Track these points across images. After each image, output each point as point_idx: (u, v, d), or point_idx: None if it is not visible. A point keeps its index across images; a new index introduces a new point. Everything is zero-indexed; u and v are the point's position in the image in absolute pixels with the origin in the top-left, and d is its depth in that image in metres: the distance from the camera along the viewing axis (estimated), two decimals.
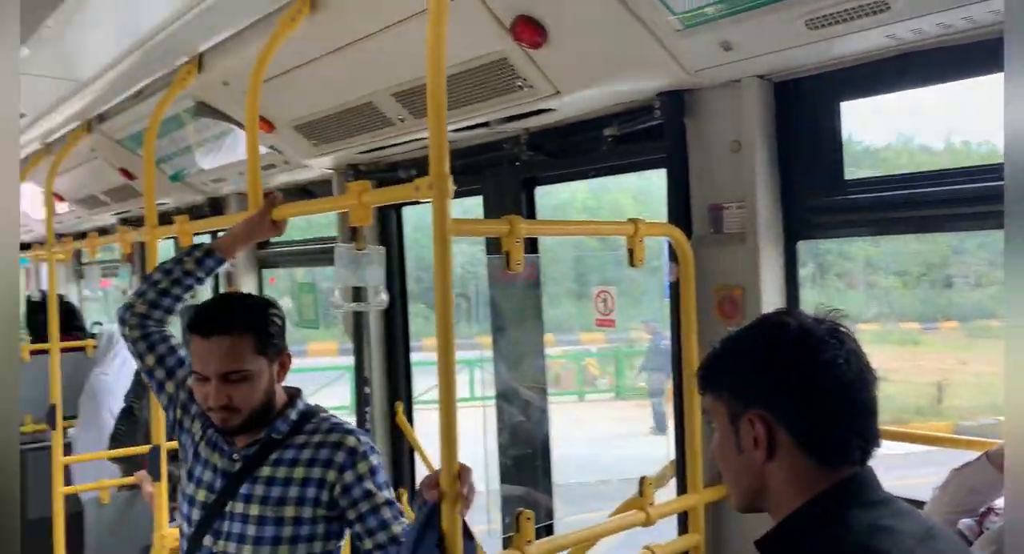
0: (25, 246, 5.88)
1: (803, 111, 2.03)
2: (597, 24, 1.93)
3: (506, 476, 2.56)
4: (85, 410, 4.40)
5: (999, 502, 1.45)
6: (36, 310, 5.10)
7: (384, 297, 1.87)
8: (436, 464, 3.10)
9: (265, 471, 1.85)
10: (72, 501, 3.93)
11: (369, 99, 2.59)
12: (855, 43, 1.77)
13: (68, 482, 3.98)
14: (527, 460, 2.54)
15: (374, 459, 1.86)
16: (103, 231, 5.19)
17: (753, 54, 1.85)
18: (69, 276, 6.41)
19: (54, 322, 3.78)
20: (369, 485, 1.83)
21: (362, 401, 3.28)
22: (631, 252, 1.97)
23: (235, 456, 1.88)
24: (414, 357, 3.38)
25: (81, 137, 3.90)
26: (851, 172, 2.04)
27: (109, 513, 4.03)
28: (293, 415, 1.90)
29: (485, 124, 2.51)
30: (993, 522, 1.40)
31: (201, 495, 1.88)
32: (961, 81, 1.83)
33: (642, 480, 1.98)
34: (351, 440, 1.86)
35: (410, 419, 3.29)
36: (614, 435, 11.11)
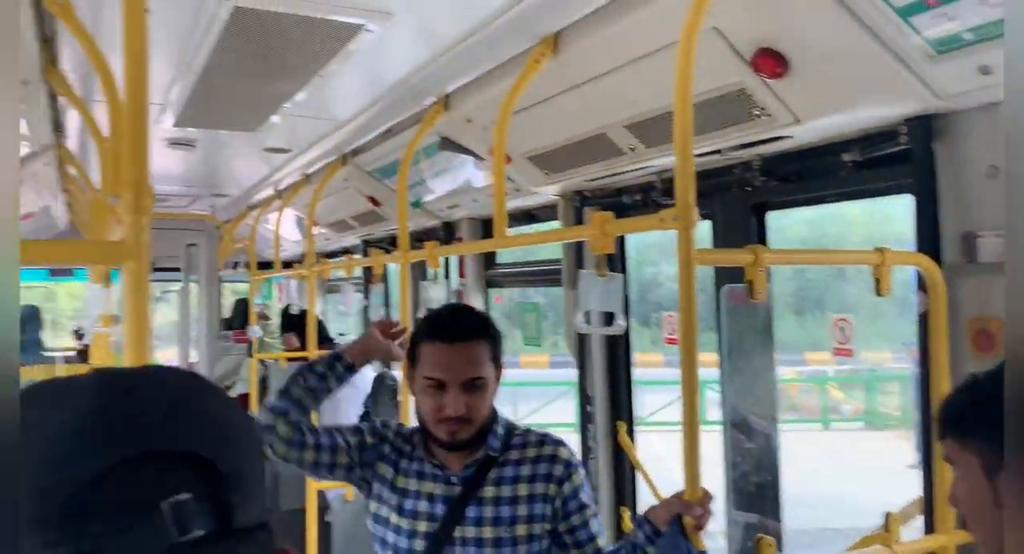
0: (286, 265, 6.60)
1: None
2: (841, 52, 1.93)
3: (737, 504, 2.56)
4: (328, 414, 4.87)
5: None
6: (292, 323, 5.73)
7: (622, 323, 1.96)
8: (659, 486, 3.16)
9: (489, 492, 1.82)
10: (320, 497, 4.37)
11: (602, 131, 2.71)
12: None
13: None
14: (757, 487, 2.54)
15: (582, 470, 1.90)
16: (346, 251, 5.73)
17: None
18: (317, 292, 7.12)
19: (312, 334, 4.23)
20: (583, 496, 1.87)
21: (585, 419, 3.40)
22: (877, 281, 1.93)
23: (453, 479, 1.84)
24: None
25: (336, 169, 4.37)
26: None
27: (353, 509, 4.44)
28: (500, 430, 1.88)
29: (717, 151, 2.55)
30: None
31: (423, 526, 1.81)
32: None
33: (888, 515, 1.92)
34: (564, 452, 1.87)
35: (632, 439, 3.37)
36: (868, 469, 10.09)
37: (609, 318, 1.99)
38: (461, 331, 1.81)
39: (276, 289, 8.78)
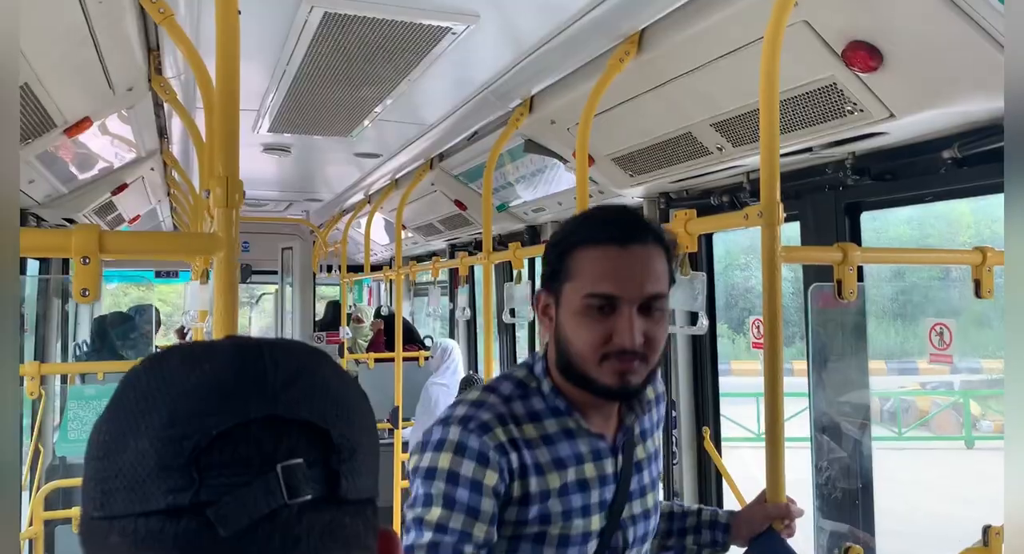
0: (375, 268, 6.76)
1: None
2: (939, 44, 1.85)
3: (824, 512, 2.48)
4: (421, 414, 4.95)
5: None
6: (383, 320, 5.86)
7: (705, 322, 1.93)
8: (743, 492, 3.08)
9: (640, 453, 1.48)
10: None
11: (687, 130, 2.68)
12: None
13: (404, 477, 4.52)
14: (845, 495, 2.44)
15: None
16: (433, 255, 5.83)
17: None
18: (404, 295, 7.26)
19: (399, 335, 4.32)
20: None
21: (669, 424, 3.35)
22: (977, 282, 1.84)
23: (612, 451, 1.43)
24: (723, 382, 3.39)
25: (424, 173, 4.45)
26: None
27: None
28: None
29: (808, 149, 2.48)
30: None
31: (596, 522, 1.39)
32: None
33: (986, 529, 1.83)
34: (660, 385, 1.59)
35: (717, 446, 3.30)
36: None
37: (694, 319, 1.95)
38: (638, 231, 1.34)
39: (366, 292, 9.00)
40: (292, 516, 0.59)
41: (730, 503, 3.29)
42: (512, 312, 3.37)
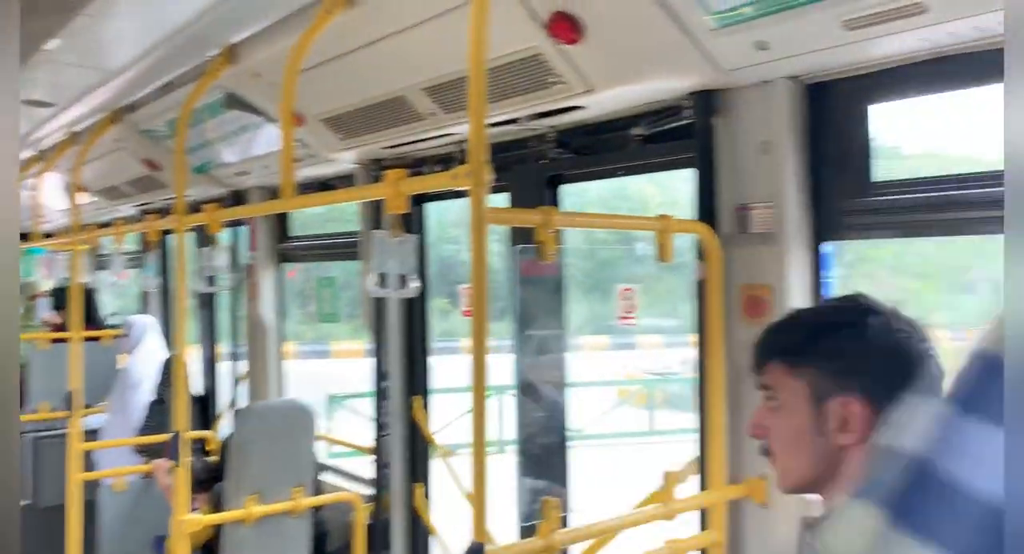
0: (47, 235, 5.92)
1: (833, 113, 2.05)
2: (634, 21, 1.96)
3: (525, 470, 2.57)
4: (117, 400, 4.43)
5: None
6: (61, 300, 5.15)
7: (417, 284, 1.89)
8: (453, 459, 3.12)
9: None
10: (87, 489, 3.96)
11: (400, 93, 2.62)
12: (888, 46, 1.79)
13: (90, 469, 4.01)
14: (544, 452, 2.56)
15: None
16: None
17: (788, 54, 1.88)
18: (88, 267, 6.45)
19: (77, 312, 3.81)
20: None
21: (380, 394, 3.30)
22: (661, 247, 1.99)
23: None
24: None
25: (107, 127, 3.95)
26: (880, 174, 2.06)
27: (123, 501, 4.06)
28: None
29: (514, 121, 2.54)
30: None
31: None
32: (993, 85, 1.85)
33: (665, 474, 1.99)
34: None
35: (427, 414, 3.30)
36: None
37: (403, 282, 1.90)
38: None
39: (42, 265, 7.89)
40: None
41: (438, 470, 3.33)
42: (211, 280, 3.10)
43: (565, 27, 2.01)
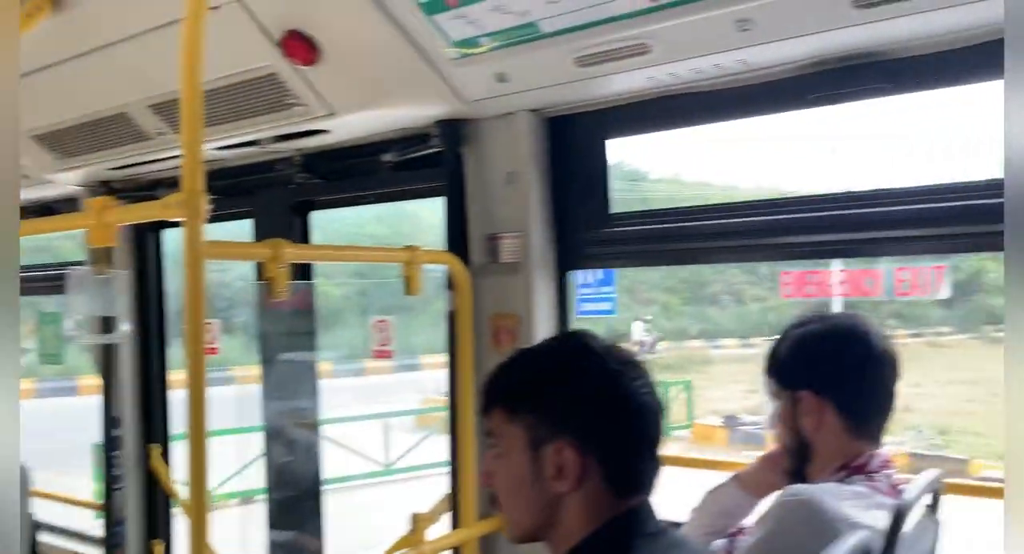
0: None
1: (574, 146, 2.10)
2: (372, 47, 1.88)
3: (275, 520, 2.39)
4: None
5: (747, 521, 1.54)
6: None
7: (125, 328, 1.67)
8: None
9: None
10: None
11: (122, 110, 2.36)
12: (621, 83, 1.85)
13: None
14: (296, 501, 2.39)
15: None
16: None
17: (527, 88, 1.89)
18: None
19: None
20: None
21: (110, 444, 2.94)
22: (407, 280, 1.91)
23: None
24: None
25: None
26: (620, 206, 2.13)
27: None
28: None
29: (255, 143, 2.37)
30: (741, 541, 1.47)
31: None
32: (719, 123, 1.97)
33: (413, 516, 1.91)
34: None
35: (168, 464, 2.99)
36: None
37: (109, 325, 1.67)
38: None
39: None
40: None
41: (181, 527, 3.02)
42: None
43: (300, 47, 1.90)
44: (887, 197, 1.73)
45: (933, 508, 1.41)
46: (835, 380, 1.39)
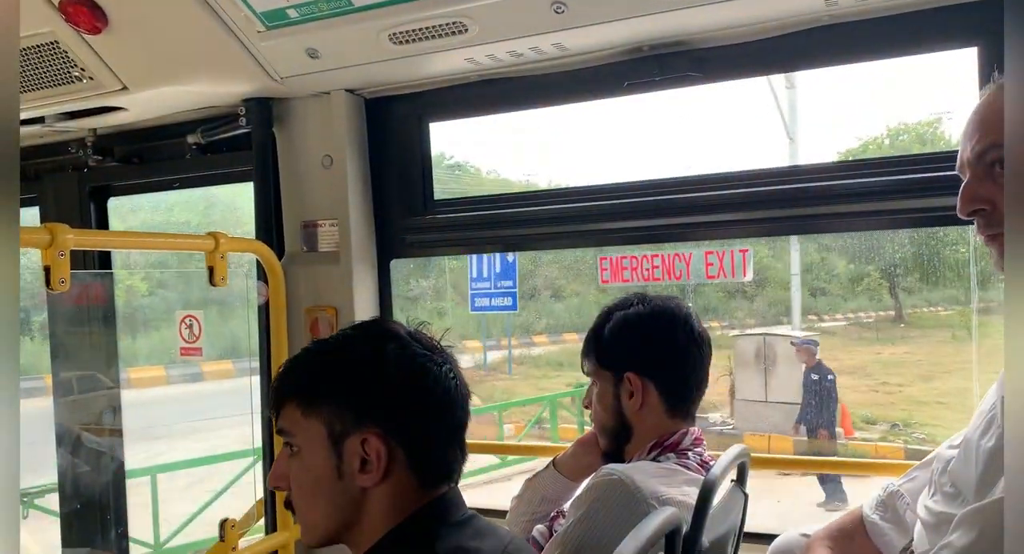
0: None
1: (394, 129, 2.02)
2: (166, 14, 1.72)
3: (67, 537, 2.16)
4: None
5: (566, 505, 1.53)
6: None
7: None
8: None
9: None
10: None
11: None
12: (440, 63, 1.79)
13: None
14: (92, 517, 2.17)
15: None
16: None
17: (340, 65, 1.79)
18: None
19: None
20: None
21: None
22: (211, 270, 1.77)
23: None
24: None
25: None
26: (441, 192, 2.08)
27: None
28: None
29: (40, 120, 2.12)
30: (560, 524, 1.46)
31: None
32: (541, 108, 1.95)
33: (223, 523, 1.77)
34: None
35: None
36: None
37: None
38: None
39: None
40: None
41: None
42: None
43: (84, 13, 1.71)
44: (701, 183, 1.78)
45: (740, 481, 1.46)
46: (661, 361, 1.40)
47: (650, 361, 1.40)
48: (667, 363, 1.41)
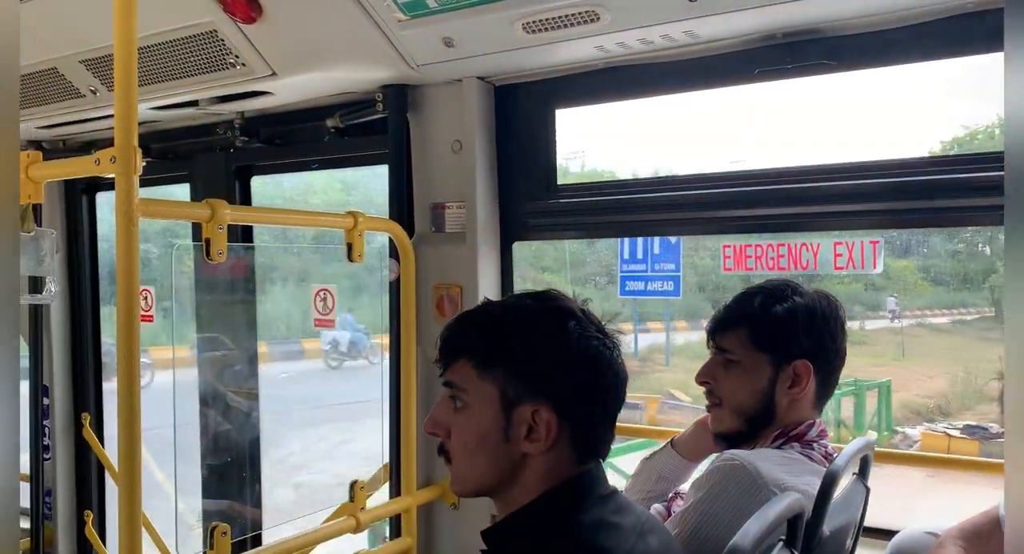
0: None
1: (521, 116, 2.08)
2: (316, 4, 1.83)
3: (208, 489, 2.34)
4: None
5: (684, 486, 1.56)
6: None
7: (53, 289, 1.61)
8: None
9: None
10: None
11: (53, 65, 2.25)
12: (569, 51, 1.83)
13: None
14: (232, 470, 2.35)
15: None
16: None
17: (474, 53, 1.86)
18: None
19: None
20: None
21: (39, 415, 2.85)
22: (350, 246, 1.88)
23: None
24: None
25: None
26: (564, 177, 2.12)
27: None
28: None
29: (195, 104, 2.29)
30: (678, 506, 1.49)
31: None
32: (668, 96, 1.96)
33: (353, 484, 1.89)
34: None
35: (100, 434, 2.91)
36: None
37: (37, 285, 1.60)
38: None
39: None
40: None
41: (112, 498, 2.95)
42: None
43: (241, 4, 1.83)
44: (827, 173, 1.76)
45: (862, 474, 1.46)
46: (825, 351, 1.41)
47: (819, 350, 1.40)
48: (829, 354, 1.41)
